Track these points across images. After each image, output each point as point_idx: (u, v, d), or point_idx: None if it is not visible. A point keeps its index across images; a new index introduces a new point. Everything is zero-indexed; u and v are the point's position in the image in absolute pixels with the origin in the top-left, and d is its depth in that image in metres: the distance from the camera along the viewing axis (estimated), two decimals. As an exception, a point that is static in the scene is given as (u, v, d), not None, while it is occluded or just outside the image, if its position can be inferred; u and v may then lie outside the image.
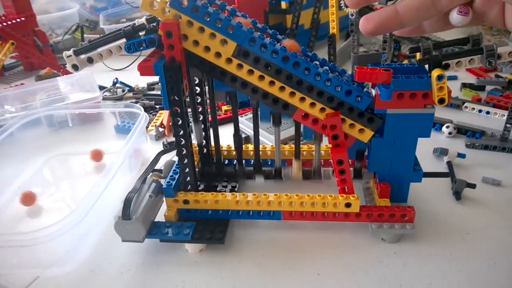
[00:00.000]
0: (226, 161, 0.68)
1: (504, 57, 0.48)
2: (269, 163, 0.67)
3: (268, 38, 0.50)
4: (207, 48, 0.49)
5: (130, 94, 1.05)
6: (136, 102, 0.98)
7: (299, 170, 0.62)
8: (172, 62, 0.48)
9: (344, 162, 0.53)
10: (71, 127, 0.87)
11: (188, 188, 0.57)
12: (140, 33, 0.51)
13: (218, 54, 0.49)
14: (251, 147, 0.66)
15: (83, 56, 0.52)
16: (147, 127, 0.85)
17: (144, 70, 0.49)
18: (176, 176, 0.58)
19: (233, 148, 0.66)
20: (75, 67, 0.52)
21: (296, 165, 0.62)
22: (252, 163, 0.65)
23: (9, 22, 1.15)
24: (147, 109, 0.95)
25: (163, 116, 0.89)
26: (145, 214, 0.53)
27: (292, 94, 0.51)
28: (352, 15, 0.83)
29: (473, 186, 0.62)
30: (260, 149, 0.66)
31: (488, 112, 0.85)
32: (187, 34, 0.48)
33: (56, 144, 0.84)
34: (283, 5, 1.14)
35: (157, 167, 0.68)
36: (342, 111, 0.51)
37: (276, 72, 0.50)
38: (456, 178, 0.63)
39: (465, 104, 0.87)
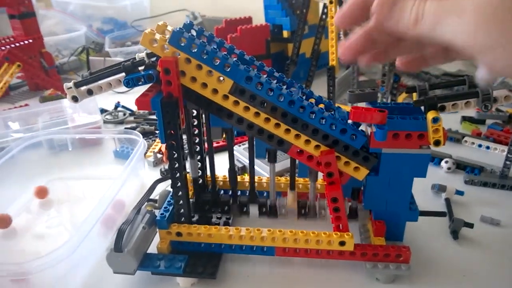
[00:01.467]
0: (222, 191, 0.67)
1: (500, 101, 0.48)
2: (265, 195, 0.66)
3: (265, 76, 0.51)
4: (204, 85, 0.49)
5: (131, 118, 1.05)
6: (137, 127, 0.98)
7: (294, 201, 0.62)
8: (170, 98, 0.49)
9: (338, 200, 0.52)
10: (70, 150, 0.88)
11: (182, 220, 0.57)
12: (140, 68, 0.52)
13: (215, 91, 0.50)
14: (247, 178, 0.66)
15: (83, 88, 0.53)
16: (145, 153, 0.85)
17: (141, 104, 0.49)
18: (170, 208, 0.58)
19: (227, 178, 0.66)
20: (75, 99, 0.53)
21: (291, 196, 0.62)
22: (247, 194, 0.65)
23: (17, 44, 1.17)
24: (147, 134, 0.96)
25: (163, 142, 0.89)
26: (138, 246, 0.53)
27: (287, 131, 0.51)
28: (352, 48, 0.84)
29: (471, 225, 0.61)
30: (256, 180, 0.66)
31: (488, 147, 0.84)
32: (185, 70, 0.49)
33: (56, 167, 0.84)
34: (285, 34, 1.15)
35: (153, 196, 0.68)
36: (337, 149, 0.51)
37: (271, 110, 0.50)
38: (454, 217, 0.63)
39: (465, 138, 0.87)
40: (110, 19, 1.67)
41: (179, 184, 0.54)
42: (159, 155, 0.85)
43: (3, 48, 1.14)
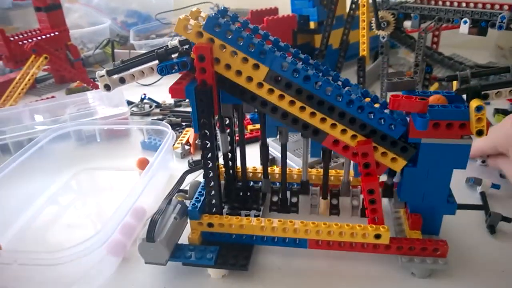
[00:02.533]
0: (251, 183, 0.67)
1: (547, 89, 0.46)
2: (295, 186, 0.65)
3: (300, 63, 0.49)
4: (238, 72, 0.48)
5: (157, 110, 1.06)
6: (163, 119, 0.99)
7: (326, 209, 0.61)
8: (204, 86, 0.48)
9: (375, 191, 0.51)
10: (98, 142, 0.88)
11: (213, 210, 0.57)
12: (173, 56, 0.51)
13: (249, 79, 0.49)
14: (277, 169, 0.65)
15: (115, 76, 0.53)
16: (173, 145, 0.85)
17: (175, 92, 0.49)
18: (202, 198, 0.57)
19: (258, 170, 0.66)
20: (107, 87, 0.52)
21: (323, 204, 0.61)
22: (277, 185, 0.64)
23: (44, 37, 1.18)
24: (173, 126, 0.96)
25: (189, 134, 0.89)
26: (169, 237, 0.53)
27: (323, 120, 0.50)
28: (383, 37, 0.82)
29: (509, 220, 0.59)
30: (287, 172, 0.65)
31: (524, 141, 0.81)
32: (219, 57, 0.48)
33: (84, 158, 0.85)
34: (312, 25, 1.13)
35: (182, 187, 0.68)
36: (374, 139, 0.50)
37: (307, 98, 0.49)
38: (491, 211, 0.61)
39: (500, 131, 0.84)
40: (134, 12, 1.67)
41: (211, 174, 0.54)
42: (186, 147, 0.84)
43: (30, 40, 1.15)
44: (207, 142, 0.51)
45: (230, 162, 0.63)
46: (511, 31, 0.69)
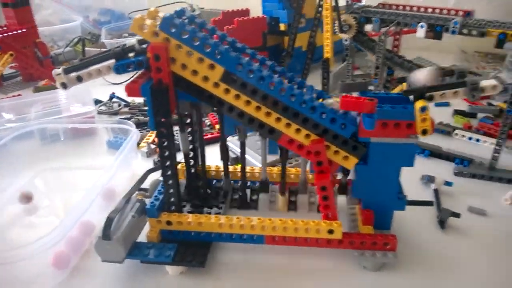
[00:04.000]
0: (215, 181, 0.68)
1: (488, 91, 0.49)
2: (257, 184, 0.67)
3: (257, 64, 0.51)
4: (194, 72, 0.49)
5: (126, 109, 1.05)
6: (131, 118, 0.98)
7: (285, 206, 0.63)
8: (159, 85, 0.49)
9: (327, 188, 0.53)
10: (63, 141, 0.87)
11: (172, 208, 0.57)
12: (131, 54, 0.52)
13: (205, 78, 0.50)
14: (239, 168, 0.66)
15: (72, 75, 0.53)
16: (138, 144, 0.85)
17: (131, 91, 0.49)
18: (161, 196, 0.58)
19: (221, 168, 0.67)
20: (64, 85, 0.52)
21: (282, 201, 0.62)
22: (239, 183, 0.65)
23: (10, 33, 1.16)
24: (141, 124, 0.96)
25: (156, 132, 0.89)
26: (126, 235, 0.53)
27: (278, 119, 0.51)
28: (346, 40, 0.85)
29: (457, 215, 0.62)
30: (248, 170, 0.66)
31: (478, 140, 0.85)
32: (175, 57, 0.49)
33: (48, 157, 0.84)
34: (282, 26, 1.15)
35: (145, 185, 0.69)
36: (326, 138, 0.52)
37: (262, 98, 0.50)
38: (442, 207, 0.63)
39: (456, 131, 0.88)
40: (107, 10, 1.66)
41: (169, 172, 0.54)
42: (152, 146, 0.85)
43: (-5, 37, 1.13)
44: (164, 140, 0.52)
45: (192, 161, 0.64)
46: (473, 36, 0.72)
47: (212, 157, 0.67)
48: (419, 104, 0.48)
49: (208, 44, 0.48)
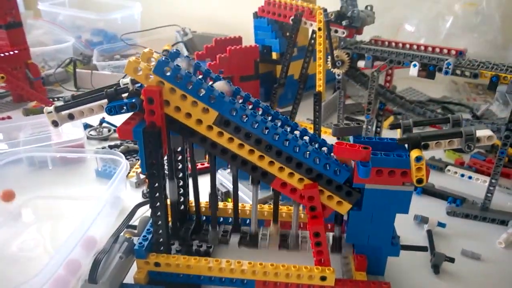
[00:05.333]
0: (204, 218, 0.66)
1: (483, 141, 0.49)
2: (248, 222, 0.65)
3: (250, 107, 0.50)
4: (188, 115, 0.49)
5: (116, 135, 1.04)
6: (121, 144, 0.97)
7: (277, 234, 0.61)
8: (152, 128, 0.48)
9: (320, 234, 0.52)
10: (51, 169, 0.86)
11: (161, 249, 0.56)
12: (124, 94, 0.51)
13: (199, 121, 0.49)
14: (230, 205, 0.65)
15: (64, 113, 0.52)
16: (128, 173, 0.84)
17: (123, 133, 0.49)
18: (149, 236, 0.56)
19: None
20: (55, 123, 0.52)
21: (274, 229, 0.61)
22: (230, 221, 0.64)
23: (1, 55, 1.15)
24: (130, 152, 0.95)
25: (146, 162, 0.88)
26: (113, 278, 0.52)
27: (271, 163, 0.51)
28: (339, 75, 0.85)
29: (452, 260, 0.61)
30: (240, 207, 0.65)
31: (470, 177, 0.85)
32: (169, 100, 0.48)
33: (36, 185, 0.82)
34: (274, 55, 1.16)
35: (134, 219, 0.67)
36: (320, 182, 0.51)
37: (255, 142, 0.49)
38: (435, 251, 0.63)
39: (448, 167, 0.88)
40: (100, 30, 1.65)
41: (159, 213, 0.53)
42: (142, 176, 0.83)
43: (-14, 58, 1.11)
44: (155, 182, 0.51)
45: (182, 198, 0.62)
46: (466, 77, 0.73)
47: (205, 188, 0.66)
48: (414, 153, 0.47)
49: (202, 88, 0.47)
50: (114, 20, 1.60)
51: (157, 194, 0.52)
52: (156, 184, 0.51)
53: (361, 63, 0.80)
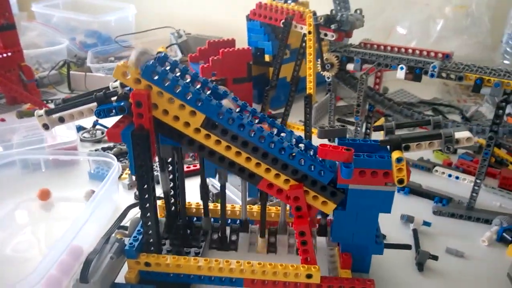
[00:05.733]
0: (195, 218, 0.68)
1: (462, 142, 0.50)
2: (238, 223, 0.67)
3: (237, 110, 0.52)
4: (176, 118, 0.50)
5: (109, 137, 1.05)
6: (114, 147, 0.98)
7: (264, 248, 0.63)
8: (141, 130, 0.49)
9: (306, 233, 0.53)
10: (44, 171, 0.87)
11: (151, 249, 0.57)
12: (113, 98, 0.52)
13: (187, 124, 0.50)
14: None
15: (54, 116, 0.53)
16: (120, 175, 0.85)
17: (112, 136, 0.50)
18: (140, 237, 0.58)
19: (202, 206, 0.67)
20: (46, 126, 0.53)
21: (261, 243, 0.63)
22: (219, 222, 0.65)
23: (-5, 57, 1.16)
24: (123, 154, 0.96)
25: (139, 163, 0.89)
26: (104, 277, 0.53)
27: (257, 164, 0.52)
28: (328, 78, 0.86)
29: (435, 258, 0.63)
30: (229, 208, 0.66)
31: (457, 178, 0.87)
32: (157, 103, 0.49)
33: (29, 187, 0.83)
34: (267, 57, 1.17)
35: (126, 220, 0.68)
36: (305, 183, 0.52)
37: (242, 144, 0.51)
38: (420, 249, 0.64)
39: (436, 168, 0.89)
40: (94, 32, 1.66)
41: (148, 214, 0.54)
42: (134, 178, 0.84)
43: (-20, 61, 1.12)
44: (144, 183, 0.52)
45: (172, 199, 0.64)
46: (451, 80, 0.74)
47: (194, 191, 0.67)
48: (395, 155, 0.49)
49: (189, 92, 0.49)
50: (108, 22, 1.61)
51: (147, 196, 0.53)
52: (145, 186, 0.52)
53: (350, 66, 0.82)
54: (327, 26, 0.86)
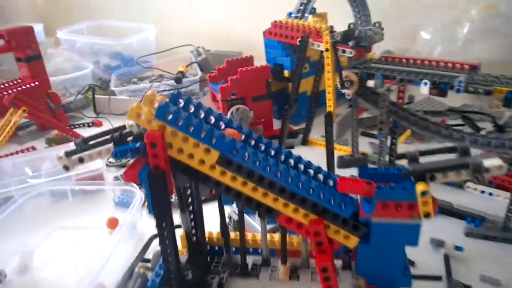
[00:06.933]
0: (217, 248, 0.67)
1: (493, 171, 0.47)
2: (260, 251, 0.66)
3: (252, 142, 0.51)
4: (191, 156, 0.50)
5: (134, 161, 1.06)
6: (138, 171, 0.99)
7: (286, 275, 0.61)
8: (156, 170, 0.49)
9: (328, 269, 0.51)
10: (71, 200, 0.89)
11: (172, 283, 0.57)
12: (129, 138, 0.52)
13: (202, 162, 0.50)
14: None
15: (74, 157, 0.54)
16: (144, 202, 0.85)
17: (129, 177, 0.50)
18: (162, 272, 0.57)
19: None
20: (66, 168, 0.54)
21: (283, 270, 0.61)
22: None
23: (23, 87, 1.20)
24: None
25: (162, 189, 0.90)
26: (127, 316, 0.53)
27: (275, 199, 0.51)
28: (349, 95, 0.84)
29: (468, 288, 0.60)
30: (250, 238, 0.65)
31: (491, 194, 0.82)
32: (171, 142, 0.49)
33: (57, 216, 0.86)
34: (286, 73, 1.16)
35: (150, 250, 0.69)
36: (326, 217, 0.51)
37: (258, 179, 0.50)
38: (452, 278, 0.61)
39: (467, 184, 0.85)
40: (117, 54, 1.70)
41: (168, 250, 0.54)
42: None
43: (10, 91, 1.17)
44: (162, 221, 0.52)
45: (193, 230, 0.63)
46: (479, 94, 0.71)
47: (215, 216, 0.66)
48: (420, 187, 0.46)
49: (203, 129, 0.48)
50: (130, 44, 1.65)
51: (165, 233, 0.53)
52: (164, 224, 0.52)
53: (370, 83, 0.80)
54: (345, 42, 0.84)
